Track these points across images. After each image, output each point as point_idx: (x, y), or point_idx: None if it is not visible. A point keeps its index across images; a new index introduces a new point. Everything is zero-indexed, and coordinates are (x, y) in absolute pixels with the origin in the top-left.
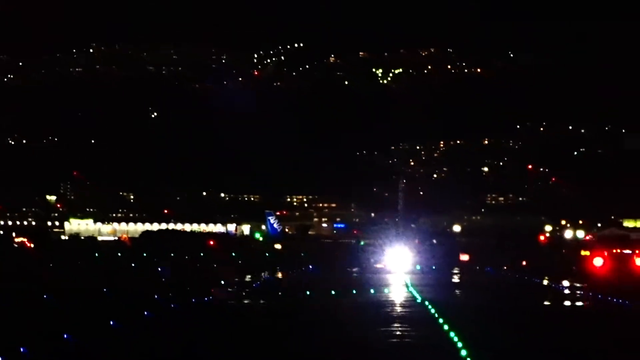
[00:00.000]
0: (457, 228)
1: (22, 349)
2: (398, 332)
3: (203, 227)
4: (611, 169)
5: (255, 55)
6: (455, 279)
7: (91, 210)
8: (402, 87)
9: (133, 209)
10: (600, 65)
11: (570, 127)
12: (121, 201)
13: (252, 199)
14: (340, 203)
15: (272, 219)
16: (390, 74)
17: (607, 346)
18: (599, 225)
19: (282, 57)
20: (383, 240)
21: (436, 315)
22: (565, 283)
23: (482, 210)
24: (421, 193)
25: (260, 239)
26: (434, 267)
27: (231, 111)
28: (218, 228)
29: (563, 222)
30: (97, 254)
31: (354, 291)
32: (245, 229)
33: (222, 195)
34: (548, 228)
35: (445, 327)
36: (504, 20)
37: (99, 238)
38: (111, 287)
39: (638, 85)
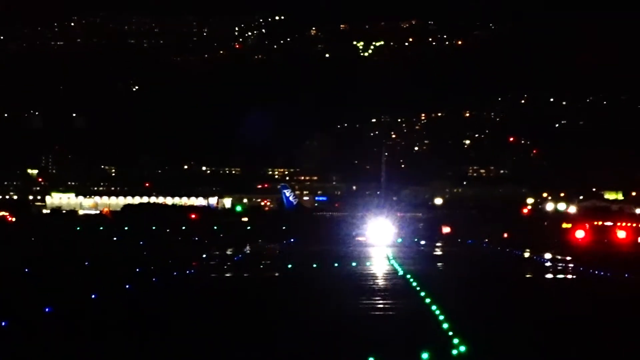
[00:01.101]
0: (438, 200)
1: (2, 323)
2: (380, 305)
3: (184, 201)
4: (592, 141)
5: (236, 28)
6: (437, 252)
7: (73, 184)
8: (383, 59)
9: (114, 183)
10: (580, 36)
11: (552, 99)
12: (102, 175)
13: (234, 172)
14: (321, 176)
15: (287, 192)
16: (372, 47)
17: (587, 316)
18: (581, 197)
19: (263, 30)
20: (365, 213)
21: (418, 288)
22: (547, 255)
23: (464, 182)
24: (403, 165)
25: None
26: (415, 240)
27: (212, 84)
28: (199, 201)
29: (544, 195)
30: (78, 228)
31: (336, 264)
32: (227, 202)
33: (204, 168)
34: (530, 200)
35: (427, 299)
36: None
37: (81, 212)
38: (92, 260)
39: (618, 55)
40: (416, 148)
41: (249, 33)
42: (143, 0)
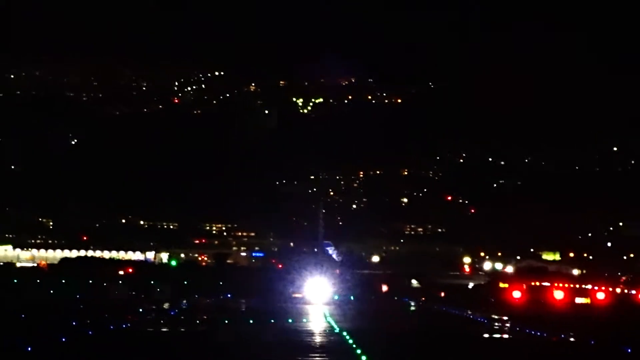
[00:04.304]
0: (375, 258)
1: None
2: None
3: (121, 254)
4: (530, 201)
5: (175, 82)
6: (373, 309)
7: (10, 236)
8: (322, 116)
9: (52, 236)
10: (519, 95)
11: (490, 159)
12: (40, 227)
13: (171, 226)
14: (259, 232)
15: (330, 250)
16: (311, 103)
17: None
18: (518, 257)
19: (202, 85)
20: (302, 270)
21: (354, 345)
22: (483, 314)
23: (401, 240)
24: (340, 223)
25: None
26: (352, 297)
27: (150, 137)
28: (137, 255)
29: (482, 254)
30: (15, 280)
31: (272, 320)
32: (164, 256)
33: (141, 222)
34: (467, 259)
35: (363, 357)
36: (423, 48)
37: (18, 264)
38: (28, 312)
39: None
40: (354, 206)
41: (188, 88)
42: (81, 53)
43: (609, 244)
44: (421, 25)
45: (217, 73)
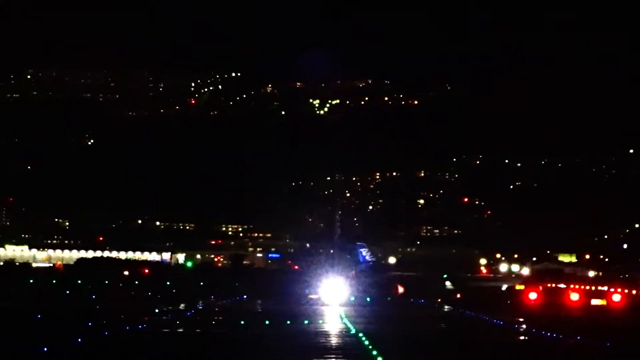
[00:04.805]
0: (392, 260)
1: None
2: None
3: (137, 255)
4: (546, 203)
5: (192, 84)
6: (389, 311)
7: (26, 236)
8: (339, 117)
9: (68, 236)
10: (537, 96)
11: (507, 160)
12: (56, 228)
13: (187, 227)
14: (275, 233)
15: (364, 251)
16: (327, 105)
17: None
18: (534, 259)
19: (219, 86)
20: (318, 271)
21: (370, 347)
22: (499, 316)
23: (418, 242)
24: (357, 224)
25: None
26: (368, 299)
27: (166, 138)
28: (152, 256)
29: (497, 256)
30: (30, 280)
31: (288, 321)
32: (180, 257)
33: (157, 223)
34: (483, 261)
35: (379, 359)
36: (441, 52)
37: (34, 264)
38: (43, 313)
39: (572, 115)
40: (370, 207)
41: (205, 89)
42: (99, 54)
43: (625, 246)
44: (437, 26)
45: (233, 74)
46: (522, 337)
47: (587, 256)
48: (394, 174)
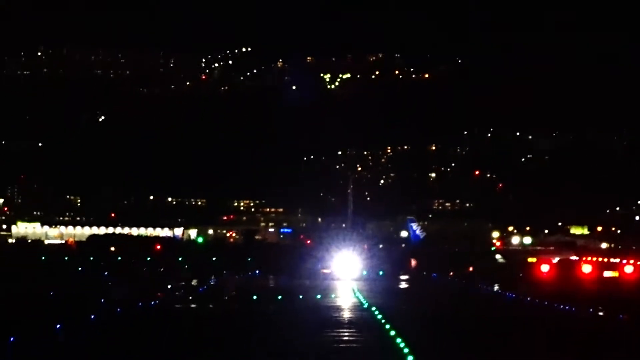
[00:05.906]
0: (404, 234)
1: None
2: (344, 337)
3: (150, 231)
4: (558, 175)
5: (203, 60)
6: (402, 285)
7: (38, 213)
8: (350, 92)
9: (80, 213)
10: (546, 70)
11: (518, 133)
12: (68, 205)
13: (199, 203)
14: (287, 208)
15: (414, 226)
16: (338, 79)
17: (549, 350)
18: (546, 231)
19: (230, 61)
20: (330, 246)
21: (382, 320)
22: (511, 289)
23: (430, 215)
24: (368, 198)
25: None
26: (381, 273)
27: (178, 115)
28: (165, 232)
29: (510, 229)
30: (43, 257)
31: (300, 296)
32: (192, 233)
33: (169, 199)
34: (495, 234)
35: (392, 332)
36: (452, 26)
37: (46, 241)
38: (56, 290)
39: (585, 90)
40: (382, 181)
41: (215, 65)
42: (110, 32)
43: (638, 218)
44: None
45: (244, 50)
46: (533, 310)
47: (599, 228)
48: (405, 147)
